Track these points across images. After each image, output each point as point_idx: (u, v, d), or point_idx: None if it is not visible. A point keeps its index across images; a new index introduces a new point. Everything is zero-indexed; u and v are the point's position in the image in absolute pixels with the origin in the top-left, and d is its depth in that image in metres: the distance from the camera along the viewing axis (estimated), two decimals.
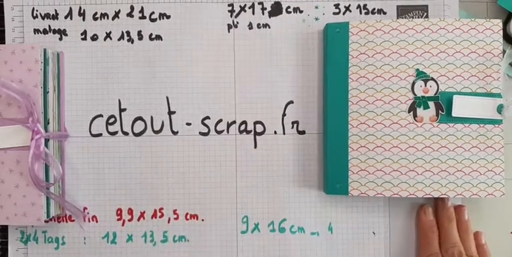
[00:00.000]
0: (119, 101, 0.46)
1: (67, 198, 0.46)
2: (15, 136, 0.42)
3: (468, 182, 0.42)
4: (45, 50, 0.43)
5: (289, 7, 0.47)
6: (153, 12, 0.46)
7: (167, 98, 0.46)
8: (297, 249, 0.46)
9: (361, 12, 0.47)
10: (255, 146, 0.47)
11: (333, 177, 0.44)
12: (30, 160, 0.42)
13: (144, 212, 0.46)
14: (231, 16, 0.47)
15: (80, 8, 0.46)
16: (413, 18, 0.46)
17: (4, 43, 0.46)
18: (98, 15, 0.46)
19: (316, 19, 0.47)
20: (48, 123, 0.44)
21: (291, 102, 0.47)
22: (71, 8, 0.46)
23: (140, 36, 0.46)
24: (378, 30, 0.43)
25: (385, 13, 0.47)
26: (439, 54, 0.42)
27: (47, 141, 0.43)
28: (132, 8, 0.46)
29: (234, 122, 0.47)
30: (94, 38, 0.46)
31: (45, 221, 0.43)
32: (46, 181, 0.43)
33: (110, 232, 0.46)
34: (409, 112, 0.43)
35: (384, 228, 0.47)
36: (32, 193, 0.42)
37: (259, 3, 0.47)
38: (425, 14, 0.46)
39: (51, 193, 0.43)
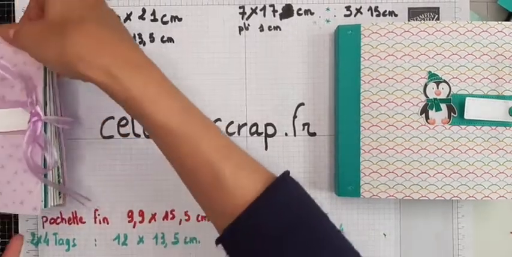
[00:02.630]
0: None
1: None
2: (15, 119, 0.41)
3: (480, 184, 0.42)
4: None
5: (300, 9, 0.47)
6: (164, 15, 0.47)
7: None
8: None
9: (372, 15, 0.47)
10: (266, 148, 0.47)
11: (345, 179, 0.44)
12: (26, 144, 0.40)
13: (155, 214, 0.47)
14: (242, 18, 0.47)
15: None
16: (424, 20, 0.46)
17: None
18: None
19: (328, 21, 0.47)
20: (46, 105, 0.42)
21: (302, 104, 0.47)
22: None
23: (152, 38, 0.46)
24: (389, 32, 0.43)
25: (396, 15, 0.47)
26: (451, 57, 0.42)
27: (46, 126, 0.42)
28: (143, 10, 0.47)
29: (245, 124, 0.47)
30: None
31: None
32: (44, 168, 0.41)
33: (121, 234, 0.47)
34: (421, 114, 0.43)
35: (395, 230, 0.47)
36: (29, 180, 0.40)
37: (270, 6, 0.47)
38: (437, 16, 0.47)
39: (48, 180, 0.41)
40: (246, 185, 0.33)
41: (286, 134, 0.47)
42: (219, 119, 0.46)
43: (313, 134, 0.47)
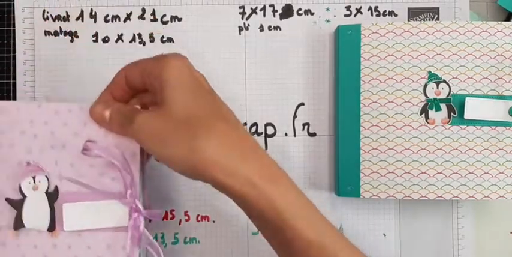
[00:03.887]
0: None
1: None
2: (107, 213, 0.35)
3: (480, 184, 0.42)
4: None
5: (300, 9, 0.47)
6: (164, 15, 0.47)
7: None
8: None
9: (372, 15, 0.47)
10: (266, 148, 0.47)
11: (345, 179, 0.44)
12: (130, 243, 0.34)
13: None
14: (242, 18, 0.47)
15: (91, 10, 0.47)
16: (424, 20, 0.46)
17: (13, 44, 0.46)
18: (110, 18, 0.47)
19: (328, 21, 0.47)
20: (140, 197, 0.37)
21: (302, 104, 0.47)
22: (82, 10, 0.47)
23: (152, 38, 0.47)
24: (389, 32, 0.43)
25: (396, 15, 0.47)
26: (451, 57, 0.42)
27: None
28: (143, 10, 0.47)
29: (245, 124, 0.47)
30: (105, 40, 0.47)
31: None
32: None
33: None
34: (421, 114, 0.43)
35: (395, 230, 0.47)
36: None
37: (270, 6, 0.47)
38: (436, 16, 0.47)
39: None
40: None
41: (286, 134, 0.47)
42: None
43: (313, 134, 0.47)
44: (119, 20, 0.47)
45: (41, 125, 0.36)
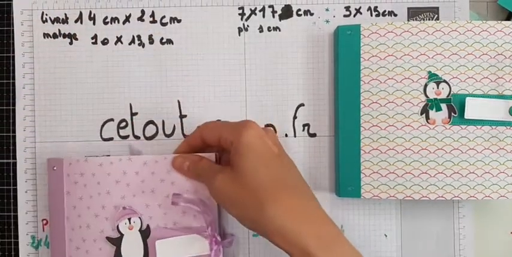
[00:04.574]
0: (130, 105, 0.46)
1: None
2: (191, 245, 0.41)
3: (481, 184, 0.42)
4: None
5: (299, 10, 0.47)
6: (163, 17, 0.46)
7: (178, 101, 0.46)
8: None
9: (371, 15, 0.47)
10: None
11: (345, 180, 0.44)
12: None
13: None
14: (242, 19, 0.47)
15: (90, 12, 0.46)
16: (424, 20, 0.46)
17: (12, 47, 0.46)
18: (109, 20, 0.46)
19: (327, 22, 0.47)
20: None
21: (302, 105, 0.47)
22: (81, 12, 0.46)
23: (151, 40, 0.46)
24: (389, 32, 0.43)
25: (395, 15, 0.47)
26: (451, 57, 0.42)
27: None
28: (142, 12, 0.46)
29: None
30: (105, 42, 0.46)
31: None
32: None
33: None
34: (421, 114, 0.43)
35: (396, 230, 0.47)
36: None
37: (269, 7, 0.47)
38: (436, 15, 0.47)
39: None
40: None
41: (286, 135, 0.47)
42: (219, 120, 0.46)
43: (314, 135, 0.47)
44: (118, 22, 0.46)
45: (132, 174, 0.42)
